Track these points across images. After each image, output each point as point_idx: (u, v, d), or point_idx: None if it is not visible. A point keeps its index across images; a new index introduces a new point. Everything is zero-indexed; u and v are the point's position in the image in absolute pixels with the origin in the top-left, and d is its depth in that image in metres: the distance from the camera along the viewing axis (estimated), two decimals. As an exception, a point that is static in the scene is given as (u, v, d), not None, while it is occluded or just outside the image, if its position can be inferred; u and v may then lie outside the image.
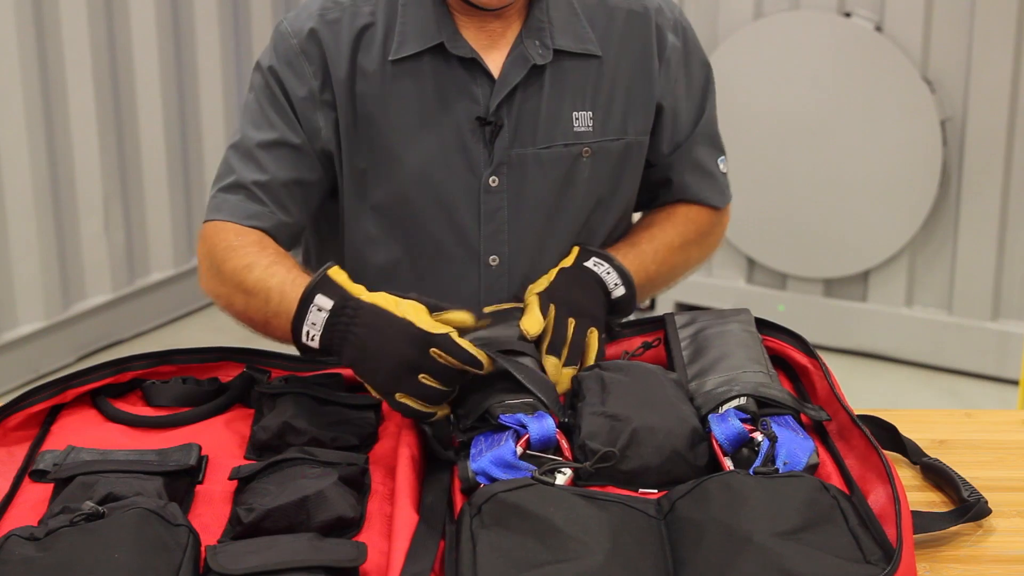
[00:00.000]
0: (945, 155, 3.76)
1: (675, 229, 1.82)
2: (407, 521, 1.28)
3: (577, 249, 1.73)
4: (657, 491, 1.35)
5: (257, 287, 1.58)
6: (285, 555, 1.19)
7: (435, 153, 1.69)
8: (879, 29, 3.77)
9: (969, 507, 1.36)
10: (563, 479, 1.33)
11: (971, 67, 3.67)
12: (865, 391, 3.72)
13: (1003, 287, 3.80)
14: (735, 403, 1.44)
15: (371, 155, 1.69)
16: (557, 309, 1.60)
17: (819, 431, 1.47)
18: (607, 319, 1.67)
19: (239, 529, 1.29)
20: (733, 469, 1.34)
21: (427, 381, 1.41)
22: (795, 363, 1.62)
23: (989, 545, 1.35)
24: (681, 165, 1.83)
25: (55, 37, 3.74)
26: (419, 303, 1.46)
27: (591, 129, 1.72)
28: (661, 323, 1.68)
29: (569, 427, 1.44)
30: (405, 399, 1.42)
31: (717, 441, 1.39)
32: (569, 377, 1.57)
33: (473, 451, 1.40)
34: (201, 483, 1.43)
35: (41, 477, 1.42)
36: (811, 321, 3.98)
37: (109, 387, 1.60)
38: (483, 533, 1.22)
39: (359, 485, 1.38)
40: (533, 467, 1.35)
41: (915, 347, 3.93)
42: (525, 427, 1.39)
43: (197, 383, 1.62)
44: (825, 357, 1.59)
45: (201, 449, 1.46)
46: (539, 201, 1.72)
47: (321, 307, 1.45)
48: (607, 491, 1.33)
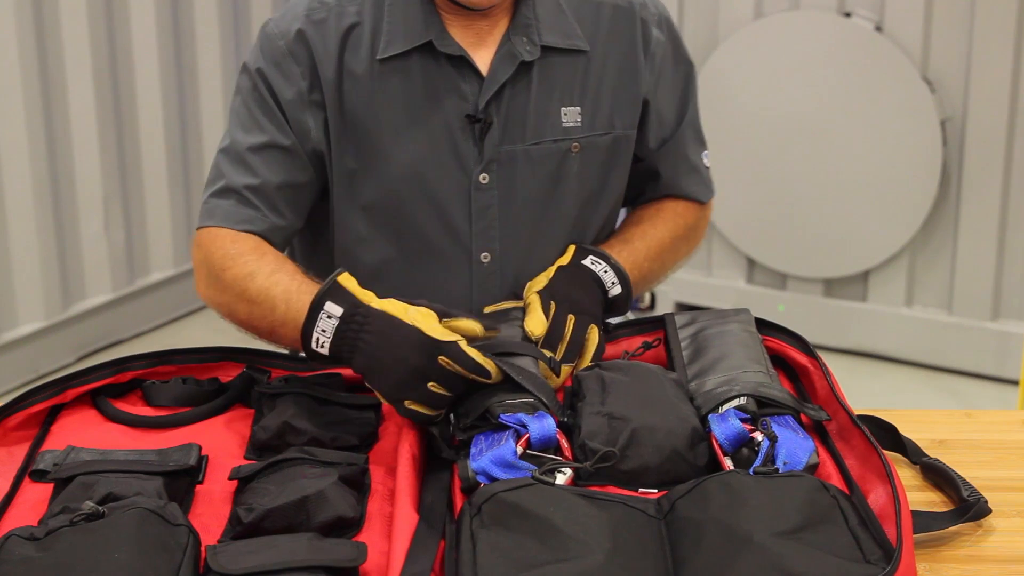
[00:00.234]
0: (945, 155, 3.76)
1: (665, 225, 1.83)
2: (407, 521, 1.28)
3: (573, 247, 1.73)
4: (657, 491, 1.35)
5: (261, 296, 1.58)
6: (285, 555, 1.19)
7: (425, 151, 1.69)
8: (879, 29, 3.77)
9: (969, 507, 1.36)
10: (563, 479, 1.33)
11: (971, 67, 3.67)
12: (865, 391, 3.72)
13: (1003, 287, 3.80)
14: (735, 403, 1.44)
15: (361, 155, 1.69)
16: (557, 306, 1.61)
17: (819, 431, 1.47)
18: (603, 317, 1.68)
19: (239, 529, 1.29)
20: (733, 469, 1.34)
21: (435, 389, 1.42)
22: (795, 363, 1.62)
23: (989, 545, 1.35)
24: (669, 160, 1.85)
25: (55, 37, 3.74)
26: (429, 309, 1.46)
27: (579, 124, 1.73)
28: (661, 323, 1.68)
29: (569, 427, 1.44)
30: (414, 406, 1.42)
31: (717, 441, 1.39)
32: (566, 374, 1.57)
33: (473, 450, 1.40)
34: (201, 483, 1.43)
35: (41, 477, 1.42)
36: (811, 321, 3.98)
37: (109, 387, 1.60)
38: (483, 533, 1.22)
39: (359, 485, 1.39)
40: (533, 467, 1.35)
41: (915, 347, 3.93)
42: (525, 426, 1.39)
43: (197, 383, 1.62)
44: (825, 357, 1.59)
45: (201, 449, 1.46)
46: (529, 197, 1.72)
47: (331, 314, 1.45)
48: (607, 491, 1.33)
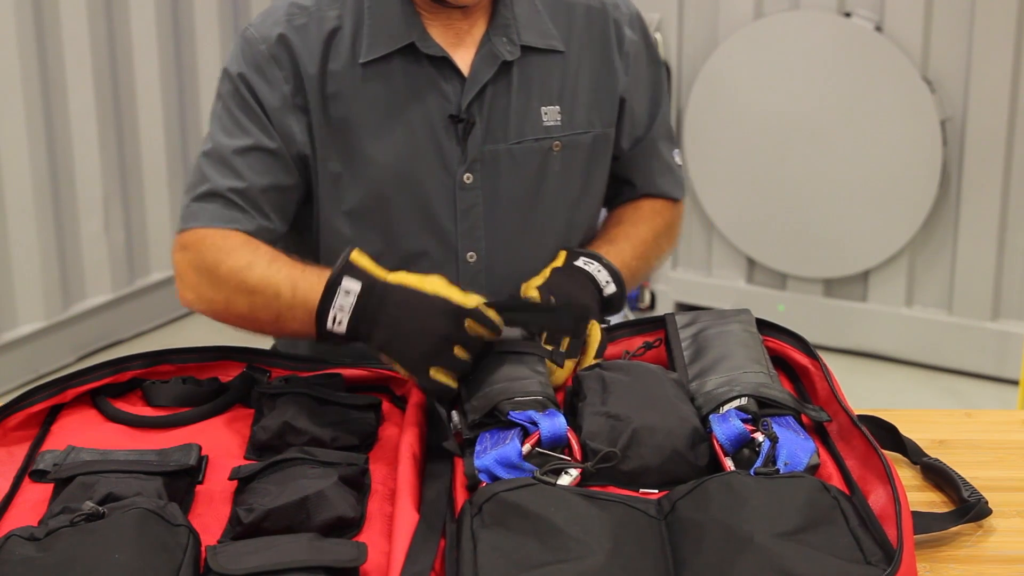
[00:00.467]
0: (945, 155, 3.76)
1: (646, 224, 1.85)
2: (408, 520, 1.28)
3: (564, 252, 1.74)
4: (658, 491, 1.35)
5: (262, 284, 1.57)
6: (285, 555, 1.19)
7: (409, 152, 1.69)
8: (879, 29, 3.76)
9: (969, 507, 1.36)
10: (569, 479, 1.33)
11: (971, 67, 3.67)
12: (865, 391, 3.72)
13: (1003, 287, 3.80)
14: (736, 403, 1.44)
15: (345, 157, 1.69)
16: (558, 301, 1.62)
17: (820, 432, 1.47)
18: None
19: (239, 529, 1.29)
20: (734, 469, 1.34)
21: (460, 353, 1.45)
22: (796, 364, 1.62)
23: (989, 545, 1.35)
24: (644, 159, 1.87)
25: (55, 37, 3.74)
26: (444, 279, 1.49)
27: (559, 123, 1.74)
28: (662, 323, 1.68)
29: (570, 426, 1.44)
30: (439, 374, 1.45)
31: (718, 441, 1.39)
32: (569, 369, 1.58)
33: (478, 448, 1.40)
34: (201, 483, 1.43)
35: (41, 477, 1.42)
36: (811, 321, 3.97)
37: (109, 387, 1.60)
38: (484, 533, 1.22)
39: (359, 485, 1.38)
40: (535, 467, 1.35)
41: (915, 347, 3.93)
42: (536, 424, 1.39)
43: (197, 383, 1.62)
44: (825, 357, 1.59)
45: (201, 449, 1.46)
46: (513, 196, 1.73)
47: (349, 290, 1.46)
48: (608, 491, 1.33)
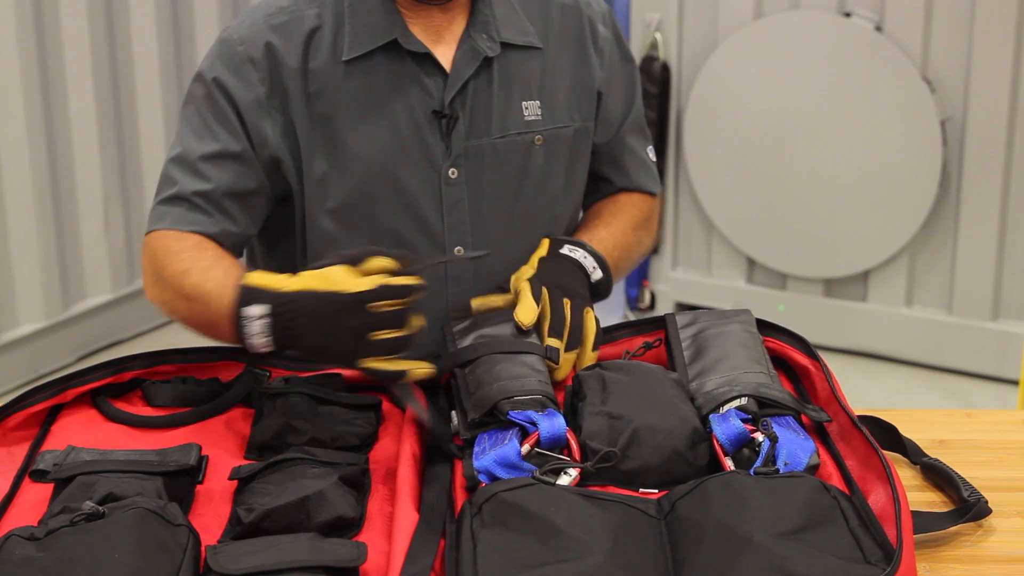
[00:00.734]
0: (945, 155, 3.76)
1: (624, 217, 1.87)
2: (407, 520, 1.28)
3: (547, 240, 1.75)
4: (657, 491, 1.35)
5: (195, 292, 1.58)
6: (285, 555, 1.19)
7: (394, 148, 1.70)
8: (879, 29, 3.76)
9: (969, 507, 1.36)
10: (569, 479, 1.33)
11: (971, 67, 3.67)
12: (865, 391, 3.72)
13: (1003, 287, 3.80)
14: (736, 403, 1.44)
15: (330, 156, 1.70)
16: (550, 291, 1.62)
17: (820, 432, 1.47)
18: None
19: (239, 529, 1.29)
20: (734, 469, 1.34)
21: (383, 335, 1.41)
22: (796, 364, 1.62)
23: (989, 545, 1.35)
24: (620, 155, 1.89)
25: (55, 37, 3.74)
26: (341, 263, 1.45)
27: (540, 118, 1.76)
28: (662, 323, 1.68)
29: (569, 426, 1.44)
30: (372, 363, 1.42)
31: (718, 441, 1.39)
32: (570, 363, 1.58)
33: (476, 449, 1.40)
34: (201, 483, 1.43)
35: (41, 477, 1.42)
36: (811, 321, 3.98)
37: (109, 387, 1.60)
38: (484, 533, 1.22)
39: (359, 485, 1.38)
40: (535, 467, 1.35)
41: (915, 347, 3.93)
42: (535, 424, 1.39)
43: (197, 383, 1.62)
44: (825, 357, 1.59)
45: (201, 449, 1.46)
46: (498, 191, 1.74)
47: (256, 315, 1.44)
48: (608, 491, 1.33)
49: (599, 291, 1.72)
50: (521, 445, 1.38)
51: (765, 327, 1.66)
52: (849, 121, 3.83)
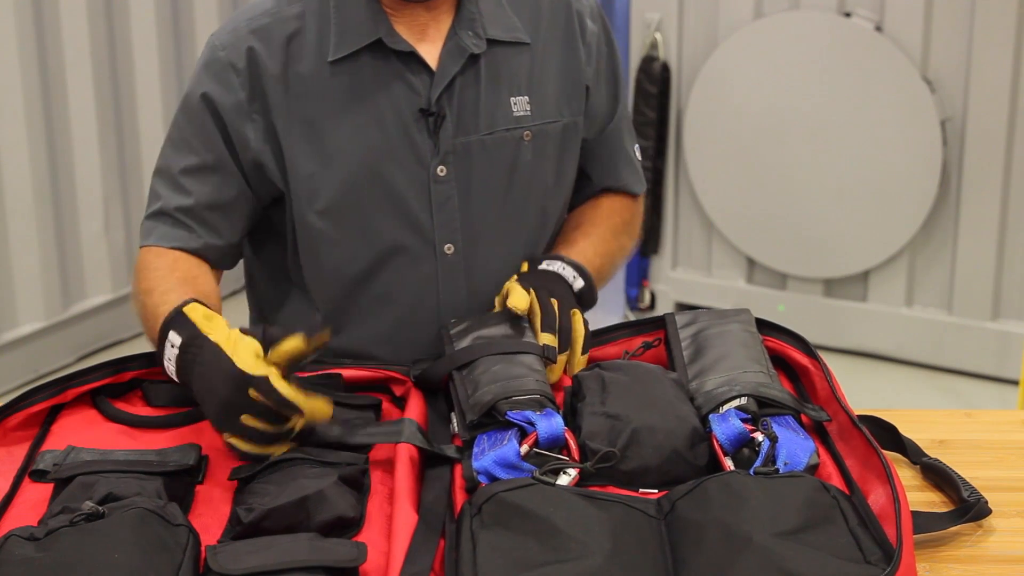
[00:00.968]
0: (945, 155, 3.76)
1: (605, 223, 1.87)
2: (407, 521, 1.28)
3: (526, 262, 1.75)
4: (657, 491, 1.35)
5: (149, 313, 1.61)
6: (285, 555, 1.19)
7: (382, 148, 1.70)
8: (879, 29, 3.77)
9: (969, 507, 1.36)
10: (568, 479, 1.33)
11: (971, 67, 3.67)
12: (865, 391, 3.72)
13: (1003, 287, 3.80)
14: (736, 403, 1.44)
15: (318, 157, 1.70)
16: (537, 291, 1.63)
17: (819, 432, 1.47)
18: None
19: (239, 529, 1.29)
20: (733, 469, 1.34)
21: (250, 422, 1.39)
22: (795, 363, 1.62)
23: (989, 545, 1.35)
24: (606, 151, 1.88)
25: (55, 37, 3.74)
26: (256, 340, 1.43)
27: (529, 113, 1.76)
28: (661, 323, 1.68)
29: (569, 427, 1.44)
30: (233, 439, 1.41)
31: (718, 441, 1.39)
32: (562, 364, 1.58)
33: (476, 450, 1.40)
34: (201, 483, 1.43)
35: (41, 477, 1.42)
36: (811, 321, 3.97)
37: (109, 387, 1.60)
38: (483, 533, 1.22)
39: (359, 485, 1.38)
40: (534, 467, 1.35)
41: (915, 347, 3.93)
42: (533, 424, 1.39)
43: (197, 383, 1.62)
44: (825, 357, 1.59)
45: (201, 449, 1.46)
46: (487, 187, 1.74)
47: (173, 343, 1.48)
48: (607, 491, 1.33)
49: (583, 299, 1.71)
50: (520, 445, 1.38)
51: (765, 327, 1.66)
52: (849, 121, 3.83)
